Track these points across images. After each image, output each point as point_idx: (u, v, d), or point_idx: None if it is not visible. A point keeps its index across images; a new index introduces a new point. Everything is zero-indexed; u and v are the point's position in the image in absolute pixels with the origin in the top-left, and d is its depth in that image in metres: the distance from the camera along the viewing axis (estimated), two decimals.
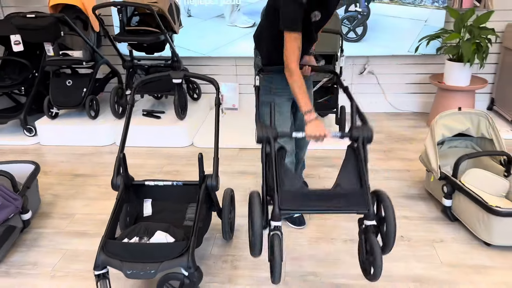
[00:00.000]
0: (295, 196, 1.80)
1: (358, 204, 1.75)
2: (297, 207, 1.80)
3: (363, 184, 1.79)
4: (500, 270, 2.13)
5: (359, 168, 1.84)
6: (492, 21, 3.82)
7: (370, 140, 1.88)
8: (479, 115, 2.65)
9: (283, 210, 1.73)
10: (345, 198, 1.78)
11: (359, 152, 1.86)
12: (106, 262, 1.81)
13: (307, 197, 1.82)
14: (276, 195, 1.75)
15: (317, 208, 1.81)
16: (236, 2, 3.99)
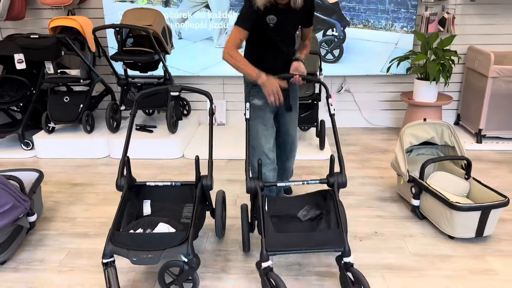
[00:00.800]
0: (280, 238, 2.06)
1: (335, 243, 2.01)
2: (282, 248, 2.02)
3: (339, 225, 2.08)
4: (461, 259, 2.42)
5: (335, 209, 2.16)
6: (455, 44, 4.26)
7: (344, 186, 2.23)
8: (442, 125, 2.99)
9: (269, 252, 1.99)
10: (324, 238, 2.06)
11: (335, 196, 2.20)
12: (114, 251, 2.03)
13: (291, 239, 2.06)
14: (263, 239, 2.01)
15: (300, 249, 2.02)
16: (223, 26, 4.33)
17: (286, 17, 2.35)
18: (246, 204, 2.46)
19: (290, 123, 2.72)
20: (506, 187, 3.26)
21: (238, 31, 2.32)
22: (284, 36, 2.44)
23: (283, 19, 2.34)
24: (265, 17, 2.30)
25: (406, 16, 4.19)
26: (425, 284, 2.22)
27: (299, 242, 2.03)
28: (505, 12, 4.24)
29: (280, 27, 2.36)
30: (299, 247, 2.02)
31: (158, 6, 4.29)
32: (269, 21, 2.31)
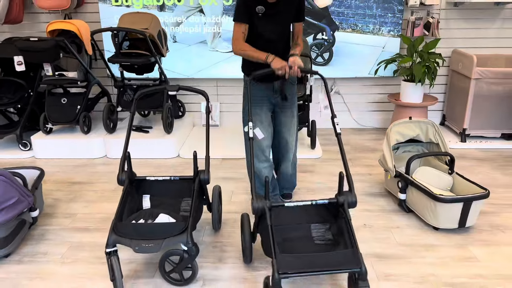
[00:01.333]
0: (293, 260, 1.92)
1: (351, 263, 1.90)
2: (294, 271, 1.87)
3: (353, 244, 1.98)
4: (445, 248, 2.57)
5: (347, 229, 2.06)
6: (440, 47, 4.44)
7: (354, 205, 2.14)
8: (427, 123, 3.14)
9: (281, 275, 1.85)
10: (339, 258, 1.94)
11: (345, 214, 2.11)
12: (117, 241, 2.13)
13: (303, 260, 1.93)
14: (274, 261, 1.88)
15: (313, 270, 1.88)
16: (217, 29, 4.46)
17: (275, 10, 2.52)
18: (246, 213, 2.45)
19: (285, 125, 2.82)
20: (488, 182, 3.42)
21: (238, 26, 2.53)
22: (274, 28, 2.57)
23: (272, 11, 2.52)
24: (255, 7, 2.50)
25: (392, 20, 4.36)
26: (411, 270, 2.36)
27: (312, 264, 1.91)
28: (487, 16, 4.44)
29: (267, 19, 2.53)
30: (312, 268, 1.88)
31: (153, 11, 4.41)
32: (258, 11, 2.50)
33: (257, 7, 2.50)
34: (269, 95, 2.73)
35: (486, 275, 2.32)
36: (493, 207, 3.03)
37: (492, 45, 4.53)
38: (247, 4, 2.49)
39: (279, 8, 2.53)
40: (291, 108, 2.82)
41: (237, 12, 2.53)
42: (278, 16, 2.56)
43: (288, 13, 2.58)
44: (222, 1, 4.36)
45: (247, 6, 2.50)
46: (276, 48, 2.59)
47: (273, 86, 2.71)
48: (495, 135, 4.26)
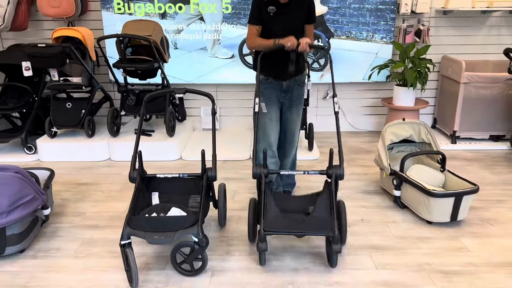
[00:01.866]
0: (277, 220, 2.33)
1: (326, 229, 2.28)
2: (277, 229, 2.31)
3: (332, 213, 2.34)
4: (438, 240, 2.73)
5: (331, 199, 2.41)
6: (431, 53, 4.65)
7: (341, 178, 2.45)
8: (419, 124, 3.32)
9: (266, 231, 2.28)
10: (317, 223, 2.32)
11: (332, 186, 2.44)
12: (131, 233, 2.26)
13: (286, 221, 2.34)
14: (262, 220, 2.28)
15: (293, 231, 2.32)
16: (217, 36, 4.63)
17: (286, 10, 2.72)
18: (254, 198, 2.69)
19: (291, 123, 3.00)
20: (477, 180, 3.60)
21: (251, 27, 2.78)
22: (285, 27, 2.73)
23: (283, 11, 2.71)
24: (267, 7, 2.70)
25: (385, 28, 4.56)
26: (407, 260, 2.51)
27: (295, 225, 2.29)
28: (474, 24, 4.66)
29: (279, 19, 2.72)
30: (293, 229, 2.29)
31: (155, 18, 4.57)
32: (269, 11, 2.71)
33: (269, 7, 2.70)
34: (278, 95, 2.91)
35: (476, 263, 2.48)
36: (482, 203, 3.21)
37: (480, 51, 4.74)
38: (259, 6, 2.71)
39: (290, 8, 2.72)
40: (297, 107, 2.98)
41: (251, 14, 2.77)
42: (289, 16, 2.74)
43: (299, 12, 2.76)
44: (222, 9, 4.53)
45: (259, 8, 2.71)
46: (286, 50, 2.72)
47: (281, 86, 2.88)
48: (484, 136, 4.45)
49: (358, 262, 2.49)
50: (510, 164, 3.94)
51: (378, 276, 2.37)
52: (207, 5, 4.51)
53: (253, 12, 2.76)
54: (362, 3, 4.48)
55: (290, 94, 2.94)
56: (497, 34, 4.69)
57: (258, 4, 2.72)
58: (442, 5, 4.58)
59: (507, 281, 2.32)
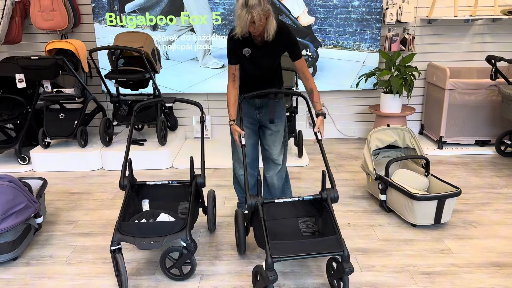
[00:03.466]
0: (282, 246, 2.15)
1: (334, 247, 2.15)
2: (284, 255, 2.10)
3: (336, 231, 2.23)
4: (422, 242, 2.80)
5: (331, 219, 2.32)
6: (416, 61, 4.77)
7: (336, 200, 2.40)
8: (404, 130, 3.41)
9: (274, 258, 2.08)
10: (324, 243, 2.18)
11: (329, 207, 2.37)
12: (121, 239, 2.32)
13: (293, 246, 2.16)
14: (267, 247, 2.10)
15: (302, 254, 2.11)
16: (207, 47, 4.73)
17: (261, 51, 2.63)
18: (240, 209, 2.66)
19: (269, 140, 2.88)
20: (463, 184, 3.69)
21: (229, 67, 2.70)
22: (261, 66, 2.68)
23: (258, 52, 2.63)
24: (242, 49, 2.63)
25: (371, 37, 4.68)
26: (391, 262, 2.58)
27: (301, 249, 2.14)
28: (458, 32, 4.78)
29: (255, 59, 2.66)
30: (300, 252, 2.11)
31: (146, 30, 4.66)
32: (244, 53, 2.64)
33: (244, 49, 2.60)
34: (252, 112, 2.82)
35: (458, 264, 2.55)
36: (466, 206, 3.29)
37: (464, 58, 4.87)
38: (234, 47, 2.61)
39: (266, 49, 2.60)
40: (275, 124, 2.84)
41: (227, 53, 2.68)
42: (265, 57, 2.64)
43: (275, 51, 2.63)
44: (212, 20, 4.63)
45: (234, 47, 2.62)
46: (265, 80, 2.76)
47: (255, 103, 2.80)
48: (470, 142, 4.55)
49: None
50: (495, 168, 4.04)
51: (363, 277, 2.44)
52: (197, 16, 4.62)
53: (228, 52, 2.66)
54: (348, 13, 4.60)
55: (266, 110, 2.82)
56: (480, 41, 4.81)
57: (233, 44, 2.60)
58: (426, 14, 4.71)
59: (488, 281, 2.39)
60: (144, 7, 4.62)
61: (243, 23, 2.36)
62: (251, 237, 2.83)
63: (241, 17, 2.36)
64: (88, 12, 4.71)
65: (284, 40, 2.59)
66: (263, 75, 2.75)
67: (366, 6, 4.57)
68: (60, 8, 4.38)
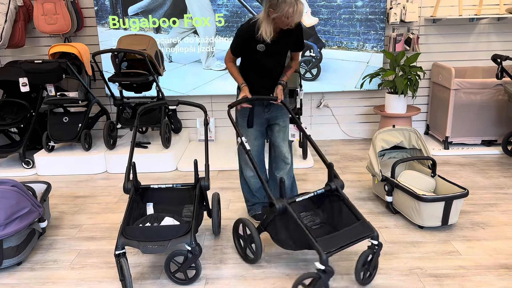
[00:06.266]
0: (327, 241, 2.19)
1: (367, 231, 2.27)
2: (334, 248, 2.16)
3: (360, 217, 2.33)
4: (429, 243, 2.77)
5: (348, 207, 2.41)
6: (421, 61, 4.73)
7: (343, 187, 2.52)
8: (409, 130, 3.37)
9: (327, 254, 2.11)
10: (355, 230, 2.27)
11: (342, 196, 2.46)
12: (126, 243, 2.30)
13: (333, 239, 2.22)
14: (316, 245, 2.13)
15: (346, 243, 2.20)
16: (210, 49, 4.71)
17: (275, 46, 2.68)
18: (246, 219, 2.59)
19: (279, 136, 2.94)
20: (469, 184, 3.65)
21: (230, 54, 2.77)
22: (273, 60, 2.76)
23: (272, 48, 2.67)
24: (256, 45, 2.65)
25: (375, 37, 4.65)
26: (398, 264, 2.54)
27: (342, 240, 2.21)
28: (463, 31, 4.74)
29: (268, 54, 2.70)
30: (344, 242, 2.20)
31: (150, 33, 4.66)
32: (259, 49, 2.66)
33: (258, 45, 2.64)
34: (260, 111, 2.88)
35: (467, 266, 2.51)
36: (474, 206, 3.25)
37: (469, 57, 4.82)
38: (246, 41, 2.63)
39: (279, 44, 2.66)
40: (283, 120, 2.93)
41: (234, 44, 2.70)
42: (278, 51, 2.70)
43: (287, 45, 2.74)
44: (215, 22, 4.62)
45: (245, 43, 2.64)
46: (273, 73, 2.83)
47: (262, 102, 2.87)
48: (476, 142, 4.51)
49: (350, 267, 2.53)
50: (502, 168, 3.99)
51: None
52: (201, 19, 4.60)
53: (236, 44, 2.69)
54: (352, 13, 4.57)
55: (273, 108, 2.89)
56: (485, 40, 4.77)
57: (245, 40, 2.63)
58: (430, 14, 4.68)
59: (497, 283, 2.35)
60: (147, 9, 4.61)
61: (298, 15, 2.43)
62: None
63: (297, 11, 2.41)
64: (91, 15, 4.71)
65: (297, 32, 2.71)
66: (272, 70, 2.81)
67: (370, 6, 4.54)
68: (63, 11, 4.38)
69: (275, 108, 2.90)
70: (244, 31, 2.63)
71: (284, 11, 2.39)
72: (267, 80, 2.85)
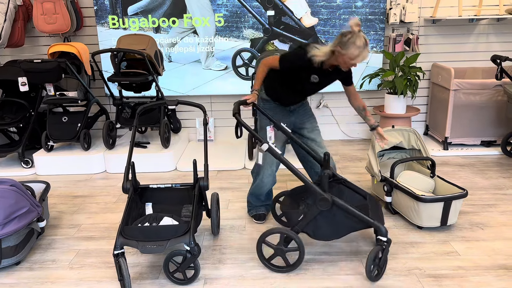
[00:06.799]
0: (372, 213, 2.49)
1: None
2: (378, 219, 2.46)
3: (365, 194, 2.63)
4: (428, 244, 2.76)
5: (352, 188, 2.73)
6: (420, 61, 4.73)
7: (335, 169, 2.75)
8: (409, 131, 3.37)
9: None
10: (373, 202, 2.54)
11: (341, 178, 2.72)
12: (125, 243, 2.29)
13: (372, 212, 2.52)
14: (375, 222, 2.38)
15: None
16: (210, 49, 4.71)
17: (326, 78, 2.69)
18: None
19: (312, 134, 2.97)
20: (469, 185, 3.65)
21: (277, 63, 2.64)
22: (314, 89, 2.78)
23: (323, 79, 2.69)
24: (310, 74, 2.64)
25: (375, 37, 4.65)
26: (397, 265, 2.54)
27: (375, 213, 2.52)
28: (463, 32, 4.75)
29: (316, 85, 2.72)
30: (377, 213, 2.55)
31: (149, 32, 4.65)
32: (312, 79, 2.66)
33: (312, 76, 2.64)
34: (285, 114, 2.92)
35: (466, 267, 2.51)
36: (473, 207, 3.25)
37: (469, 58, 4.82)
38: (301, 68, 2.60)
39: (330, 76, 2.68)
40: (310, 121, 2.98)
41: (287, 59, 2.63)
42: (326, 83, 2.73)
43: (335, 79, 2.74)
44: (215, 22, 4.62)
45: (300, 68, 2.61)
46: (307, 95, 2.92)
47: (289, 107, 2.92)
48: (475, 142, 4.51)
49: (349, 267, 2.53)
50: (501, 169, 3.99)
51: (369, 281, 2.40)
52: (200, 19, 4.60)
53: (290, 61, 2.63)
54: (351, 14, 4.57)
55: (298, 111, 2.95)
56: (485, 41, 4.77)
57: (301, 66, 2.59)
58: (430, 14, 4.68)
59: (496, 284, 2.35)
60: (147, 9, 4.61)
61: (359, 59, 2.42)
62: (249, 239, 2.81)
63: (362, 56, 2.40)
64: (91, 15, 4.71)
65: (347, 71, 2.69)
66: (309, 94, 2.91)
67: (369, 6, 4.54)
68: (62, 11, 4.38)
69: (302, 110, 2.96)
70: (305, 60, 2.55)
71: (351, 53, 2.38)
72: (298, 98, 2.88)
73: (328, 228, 2.47)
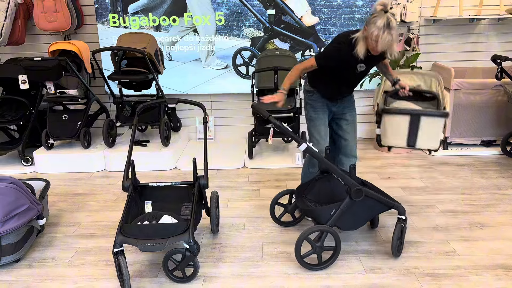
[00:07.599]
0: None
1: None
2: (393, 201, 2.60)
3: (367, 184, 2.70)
4: (428, 244, 2.77)
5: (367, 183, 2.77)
6: (421, 61, 4.73)
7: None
8: (431, 76, 3.15)
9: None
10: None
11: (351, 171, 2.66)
12: (124, 241, 2.30)
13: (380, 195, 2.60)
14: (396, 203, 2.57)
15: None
16: (210, 48, 4.71)
17: (370, 64, 2.70)
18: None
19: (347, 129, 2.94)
20: (468, 185, 3.65)
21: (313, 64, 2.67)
22: (362, 76, 2.79)
23: (368, 64, 2.69)
24: (357, 64, 2.64)
25: None
26: (396, 264, 2.55)
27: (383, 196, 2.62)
28: (463, 32, 4.74)
29: (362, 72, 2.72)
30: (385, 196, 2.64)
31: (150, 31, 4.65)
32: (359, 68, 2.67)
33: (359, 65, 2.64)
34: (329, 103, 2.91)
35: (464, 266, 2.52)
36: (472, 207, 3.25)
37: (469, 58, 4.82)
38: (345, 59, 2.59)
39: (373, 61, 2.68)
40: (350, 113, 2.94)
41: (325, 55, 2.64)
42: (370, 68, 2.73)
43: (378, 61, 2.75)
44: (215, 21, 4.62)
45: (343, 60, 2.60)
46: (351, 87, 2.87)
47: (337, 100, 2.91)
48: (475, 142, 4.51)
49: (348, 266, 2.54)
50: (500, 169, 4.00)
51: (368, 280, 2.41)
52: (201, 17, 4.60)
53: (329, 56, 2.63)
54: (352, 13, 4.57)
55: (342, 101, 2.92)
56: (485, 41, 4.77)
57: (345, 58, 2.58)
58: (431, 14, 4.68)
59: (495, 284, 2.35)
60: (147, 8, 4.61)
61: (383, 44, 2.41)
62: (248, 238, 2.82)
63: (382, 38, 2.38)
64: (91, 13, 4.71)
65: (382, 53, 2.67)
66: (358, 81, 2.84)
67: (370, 6, 4.53)
68: (63, 9, 4.38)
69: (346, 99, 2.92)
70: (344, 52, 2.56)
71: (371, 33, 2.40)
72: (346, 88, 2.85)
73: (353, 217, 2.55)
